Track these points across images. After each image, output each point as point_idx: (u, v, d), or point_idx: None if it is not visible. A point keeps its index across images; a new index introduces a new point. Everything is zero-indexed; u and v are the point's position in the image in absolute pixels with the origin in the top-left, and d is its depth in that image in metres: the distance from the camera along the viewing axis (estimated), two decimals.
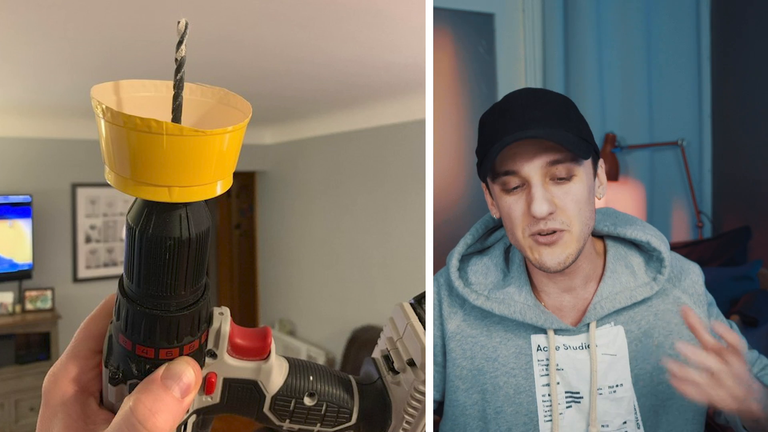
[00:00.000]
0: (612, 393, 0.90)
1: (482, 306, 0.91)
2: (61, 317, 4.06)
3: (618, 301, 0.89)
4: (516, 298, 0.90)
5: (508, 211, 0.85)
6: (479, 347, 0.93)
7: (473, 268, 0.96)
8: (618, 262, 0.92)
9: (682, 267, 0.96)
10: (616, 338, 0.90)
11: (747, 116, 2.36)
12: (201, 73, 2.49)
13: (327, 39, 2.17)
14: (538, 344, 0.91)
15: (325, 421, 0.47)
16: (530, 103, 0.83)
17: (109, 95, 0.37)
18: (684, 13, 2.49)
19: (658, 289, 0.90)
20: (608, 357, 0.90)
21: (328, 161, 4.38)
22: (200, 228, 0.37)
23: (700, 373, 0.76)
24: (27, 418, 3.86)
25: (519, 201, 0.83)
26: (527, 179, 0.82)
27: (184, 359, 0.40)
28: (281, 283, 5.08)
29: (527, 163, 0.81)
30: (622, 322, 0.91)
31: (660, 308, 0.92)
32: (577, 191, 0.82)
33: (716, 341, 0.78)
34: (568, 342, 0.90)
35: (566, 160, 0.81)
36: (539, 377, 0.91)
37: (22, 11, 1.82)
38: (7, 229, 4.01)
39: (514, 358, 0.92)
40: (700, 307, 0.94)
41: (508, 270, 0.94)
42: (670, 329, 0.92)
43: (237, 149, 0.37)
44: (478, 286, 0.94)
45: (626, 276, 0.91)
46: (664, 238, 0.93)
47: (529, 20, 2.35)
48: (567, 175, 0.82)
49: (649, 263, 0.92)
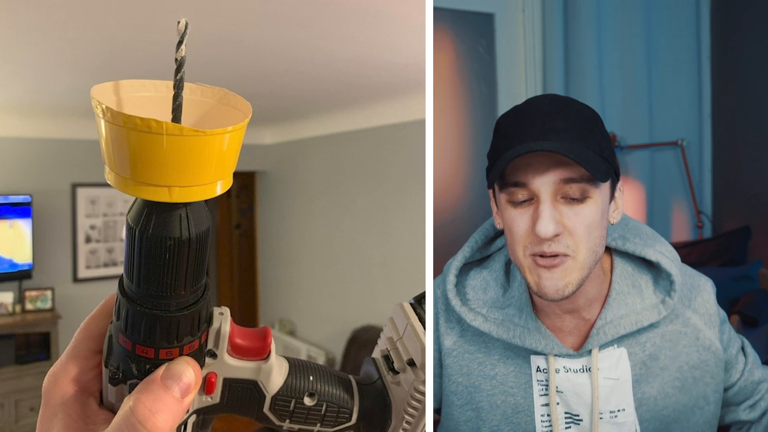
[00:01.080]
0: (613, 417, 0.86)
1: (479, 327, 0.87)
2: (61, 317, 4.06)
3: (623, 326, 0.84)
4: (515, 320, 0.86)
5: (510, 225, 0.78)
6: (476, 364, 0.90)
7: (472, 282, 0.91)
8: (624, 281, 0.86)
9: (693, 284, 0.90)
10: (619, 362, 0.86)
11: (747, 116, 2.36)
12: (201, 73, 2.49)
13: (327, 39, 2.17)
14: (537, 365, 0.87)
15: (325, 421, 0.47)
16: (553, 111, 0.76)
17: (109, 95, 0.37)
18: (684, 13, 2.49)
19: (666, 314, 0.85)
20: (610, 381, 0.85)
21: (328, 161, 4.38)
22: (200, 228, 0.37)
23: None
24: (27, 418, 3.86)
25: (524, 216, 0.76)
26: (536, 194, 0.75)
27: (184, 359, 0.40)
28: (281, 283, 5.08)
29: (538, 176, 0.74)
30: (626, 344, 0.86)
31: (668, 329, 0.87)
32: (588, 214, 0.75)
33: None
34: (568, 365, 0.86)
35: (582, 180, 0.74)
36: (538, 397, 0.87)
37: (22, 11, 1.82)
38: (7, 229, 4.01)
39: (513, 376, 0.88)
40: (712, 327, 0.88)
41: (509, 285, 0.89)
42: (677, 352, 0.87)
43: (237, 149, 0.37)
44: (476, 303, 0.89)
45: (633, 297, 0.85)
46: (674, 254, 0.88)
47: (529, 20, 2.35)
48: (580, 196, 0.74)
49: (658, 282, 0.87)
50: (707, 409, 0.90)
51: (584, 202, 0.75)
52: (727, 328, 0.92)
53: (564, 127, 0.74)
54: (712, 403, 0.90)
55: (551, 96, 0.80)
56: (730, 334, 0.92)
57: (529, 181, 0.75)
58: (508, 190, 0.77)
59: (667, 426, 0.88)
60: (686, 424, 0.88)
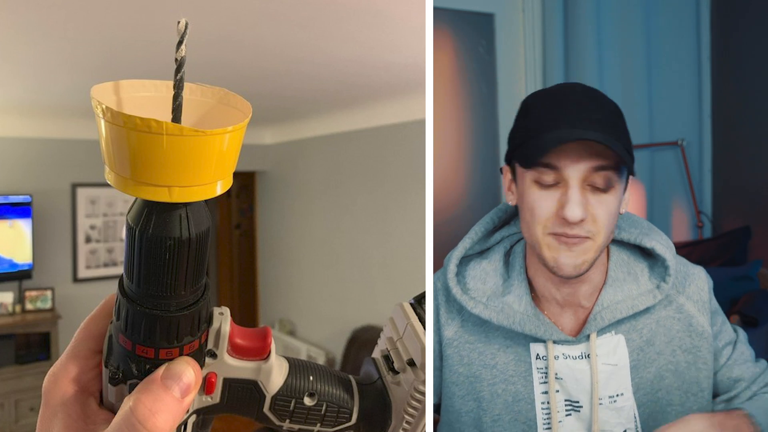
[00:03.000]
0: (612, 402, 0.88)
1: (480, 314, 0.89)
2: (61, 317, 4.06)
3: (619, 311, 0.86)
4: (515, 307, 0.88)
5: (533, 205, 0.80)
6: (477, 353, 0.91)
7: (472, 272, 0.92)
8: (620, 268, 0.89)
9: (687, 272, 0.93)
10: (617, 348, 0.88)
11: (747, 116, 2.36)
12: (201, 73, 2.49)
13: (327, 39, 2.17)
14: (537, 353, 0.89)
15: (325, 421, 0.47)
16: (587, 101, 0.80)
17: (109, 95, 0.37)
18: (684, 13, 2.49)
19: (661, 298, 0.88)
20: (609, 367, 0.88)
21: (328, 161, 4.38)
22: (200, 228, 0.37)
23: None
24: (27, 418, 3.86)
25: (550, 199, 0.79)
26: (566, 179, 0.78)
27: (184, 359, 0.40)
28: (281, 283, 5.08)
29: (572, 163, 0.77)
30: (623, 330, 0.88)
31: (662, 315, 0.90)
32: (610, 203, 0.79)
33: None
34: (567, 351, 0.88)
35: (610, 168, 0.77)
36: (538, 385, 0.89)
37: (22, 11, 1.82)
38: (7, 229, 4.01)
39: (513, 365, 0.90)
40: (704, 314, 0.91)
41: (508, 275, 0.91)
42: (671, 336, 0.90)
43: (237, 149, 0.37)
44: (476, 293, 0.90)
45: (629, 284, 0.88)
46: (669, 243, 0.90)
47: (529, 20, 2.35)
48: (605, 185, 0.78)
49: (653, 269, 0.90)
50: (701, 396, 0.92)
51: (608, 192, 0.79)
52: (720, 319, 0.94)
53: (597, 118, 0.77)
54: (706, 389, 0.92)
55: (580, 85, 0.83)
56: (722, 326, 0.94)
57: (562, 165, 0.77)
58: (538, 170, 0.79)
59: (663, 409, 0.90)
60: (681, 409, 0.90)
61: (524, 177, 0.82)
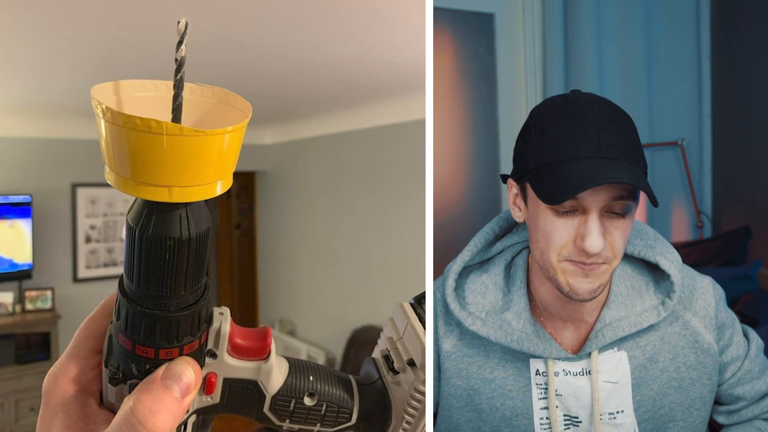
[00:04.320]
0: (612, 419, 0.86)
1: (478, 331, 0.87)
2: (61, 317, 4.06)
3: (621, 329, 0.84)
4: (514, 324, 0.85)
5: (550, 231, 0.77)
6: (475, 367, 0.89)
7: (471, 286, 0.90)
8: (623, 283, 0.86)
9: (695, 286, 0.89)
10: (619, 365, 0.86)
11: (747, 116, 2.36)
12: (201, 73, 2.49)
13: (327, 39, 2.17)
14: (536, 369, 0.87)
15: (325, 421, 0.47)
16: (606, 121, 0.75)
17: (109, 95, 0.37)
18: (684, 13, 2.49)
19: (666, 315, 0.85)
20: (610, 384, 0.85)
21: (328, 161, 4.39)
22: (200, 228, 0.37)
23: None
24: (27, 418, 3.86)
25: (568, 227, 0.76)
26: (585, 208, 0.75)
27: (184, 359, 0.40)
28: (281, 283, 5.08)
29: (593, 194, 0.74)
30: (626, 347, 0.86)
31: (667, 332, 0.87)
32: (627, 227, 0.77)
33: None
34: (567, 368, 0.86)
35: (628, 198, 0.75)
36: (537, 400, 0.87)
37: (22, 11, 1.82)
38: (7, 229, 4.01)
39: (512, 380, 0.88)
40: (710, 331, 0.88)
41: (508, 290, 0.88)
42: (676, 353, 0.87)
43: (237, 149, 0.37)
44: (474, 307, 0.88)
45: (632, 299, 0.85)
46: (675, 255, 0.87)
47: (529, 20, 2.35)
48: (622, 211, 0.75)
49: (658, 283, 0.87)
50: (704, 409, 0.90)
51: (625, 217, 0.76)
52: (729, 333, 0.91)
53: (617, 143, 0.75)
54: (709, 402, 0.91)
55: (596, 99, 0.78)
56: (731, 339, 0.91)
57: (581, 196, 0.74)
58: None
59: (665, 425, 0.88)
60: (683, 424, 0.89)
61: (538, 200, 0.78)
